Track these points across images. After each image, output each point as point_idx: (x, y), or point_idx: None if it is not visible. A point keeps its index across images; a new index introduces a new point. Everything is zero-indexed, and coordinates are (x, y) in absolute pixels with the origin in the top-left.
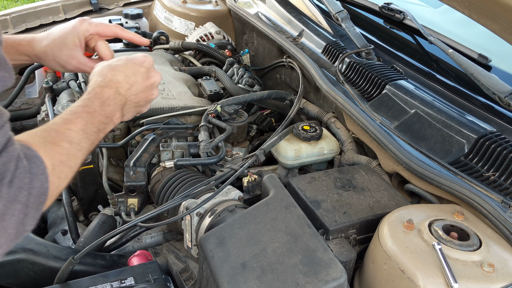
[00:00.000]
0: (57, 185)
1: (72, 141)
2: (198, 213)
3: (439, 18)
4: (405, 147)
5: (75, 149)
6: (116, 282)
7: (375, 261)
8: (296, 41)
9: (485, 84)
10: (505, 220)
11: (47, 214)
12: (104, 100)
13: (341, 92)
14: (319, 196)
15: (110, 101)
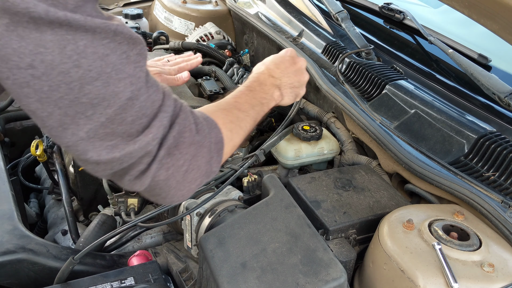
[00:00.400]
0: (230, 138)
1: (240, 109)
2: (198, 213)
3: (439, 18)
4: (405, 147)
5: (243, 115)
6: (116, 282)
7: (375, 261)
8: (296, 41)
9: (485, 84)
10: (505, 220)
11: (47, 214)
12: (261, 81)
13: (341, 92)
14: (319, 196)
15: (266, 82)
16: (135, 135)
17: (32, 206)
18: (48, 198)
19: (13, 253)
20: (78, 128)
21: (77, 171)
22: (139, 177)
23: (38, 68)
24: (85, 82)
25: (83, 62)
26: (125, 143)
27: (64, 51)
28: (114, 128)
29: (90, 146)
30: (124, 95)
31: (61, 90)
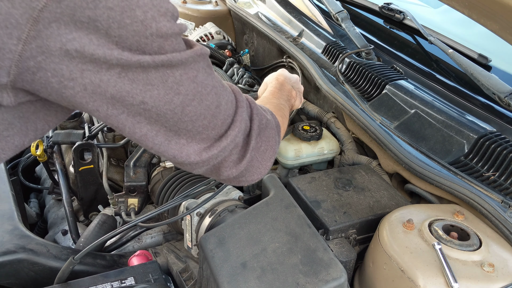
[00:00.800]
0: (282, 122)
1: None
2: (198, 213)
3: (439, 18)
4: (405, 147)
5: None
6: (116, 282)
7: (375, 261)
8: (296, 41)
9: (485, 84)
10: (505, 220)
11: (47, 214)
12: (281, 83)
13: (341, 92)
14: (319, 196)
15: (285, 84)
16: (225, 133)
17: (32, 206)
18: (48, 198)
19: (13, 253)
20: (179, 138)
21: (77, 171)
22: (235, 167)
23: (148, 102)
24: (185, 104)
25: (181, 89)
26: (218, 141)
27: (166, 84)
28: (207, 133)
29: (191, 150)
30: (213, 105)
31: (167, 115)
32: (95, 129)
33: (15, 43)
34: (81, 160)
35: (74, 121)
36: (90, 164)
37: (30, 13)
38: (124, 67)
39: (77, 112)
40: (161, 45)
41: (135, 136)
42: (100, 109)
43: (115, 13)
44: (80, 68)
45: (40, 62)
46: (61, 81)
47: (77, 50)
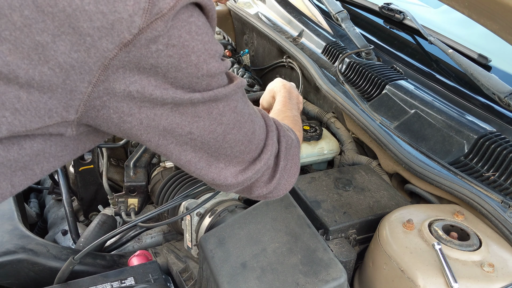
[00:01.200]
0: (300, 136)
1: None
2: (198, 213)
3: (439, 18)
4: (405, 147)
5: (297, 117)
6: (116, 282)
7: (375, 261)
8: (296, 41)
9: (485, 84)
10: (505, 220)
11: (47, 214)
12: (289, 91)
13: (341, 92)
14: (319, 196)
15: (292, 94)
16: (258, 156)
17: (32, 206)
18: (48, 198)
19: (13, 253)
20: (218, 162)
21: (77, 171)
22: (265, 186)
23: (195, 132)
24: (226, 133)
25: (224, 119)
26: (253, 164)
27: (211, 116)
28: (243, 157)
29: (228, 173)
30: (249, 131)
31: (210, 143)
32: None
33: (85, 86)
34: (81, 160)
35: None
36: (90, 164)
37: (102, 61)
38: (177, 104)
39: None
40: (209, 83)
41: (180, 162)
42: (152, 139)
43: (174, 60)
44: (138, 105)
45: (105, 101)
46: (121, 117)
47: (138, 91)
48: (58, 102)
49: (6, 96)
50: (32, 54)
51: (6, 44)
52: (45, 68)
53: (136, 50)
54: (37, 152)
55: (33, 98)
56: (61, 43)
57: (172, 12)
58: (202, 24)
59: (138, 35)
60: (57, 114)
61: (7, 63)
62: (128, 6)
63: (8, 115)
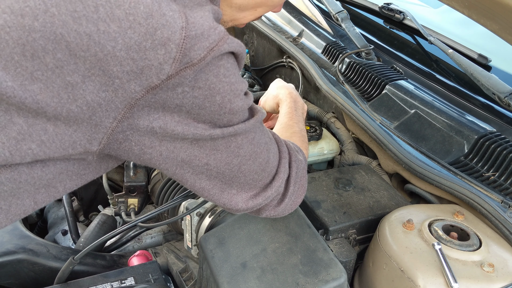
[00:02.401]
0: (306, 154)
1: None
2: (198, 213)
3: (439, 18)
4: (405, 147)
5: (303, 130)
6: (116, 282)
7: (375, 261)
8: (296, 41)
9: (485, 84)
10: (505, 220)
11: (47, 214)
12: (294, 98)
13: (341, 92)
14: (319, 196)
15: (298, 103)
16: (270, 183)
17: None
18: None
19: (13, 253)
20: (231, 189)
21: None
22: (273, 209)
23: (211, 164)
24: (242, 164)
25: (241, 152)
26: (264, 191)
27: (229, 149)
28: (255, 184)
29: (239, 199)
30: (264, 161)
31: (225, 173)
32: None
33: (110, 121)
34: None
35: None
36: None
37: (129, 101)
38: (196, 138)
39: None
40: (230, 119)
41: (194, 188)
42: (169, 169)
43: (199, 100)
44: (159, 139)
45: (128, 135)
46: (142, 149)
47: (160, 127)
48: (82, 135)
49: (34, 128)
50: (62, 93)
51: (38, 83)
52: (73, 106)
53: (163, 92)
54: (61, 171)
55: (59, 131)
56: (90, 84)
57: (202, 62)
58: (231, 66)
59: (166, 80)
60: (81, 146)
61: (37, 101)
62: (159, 55)
63: (34, 147)
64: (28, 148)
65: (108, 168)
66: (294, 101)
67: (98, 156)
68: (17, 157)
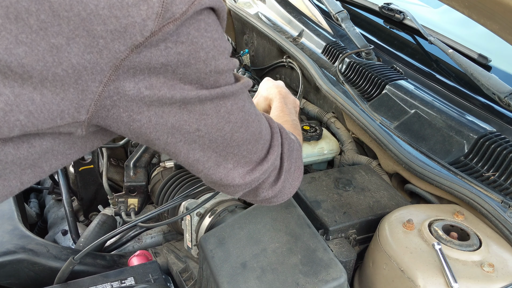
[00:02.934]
0: (300, 140)
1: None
2: (198, 213)
3: (439, 18)
4: (405, 147)
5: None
6: (116, 282)
7: (375, 261)
8: (296, 41)
9: (485, 84)
10: (505, 220)
11: (47, 214)
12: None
13: (341, 92)
14: (319, 196)
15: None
16: (265, 157)
17: (32, 206)
18: (48, 198)
19: (13, 253)
20: (227, 162)
21: (77, 171)
22: (270, 188)
23: (202, 130)
24: (234, 131)
25: (232, 117)
26: (260, 165)
27: (219, 114)
28: (250, 157)
29: (236, 174)
30: (256, 131)
31: (218, 141)
32: None
33: (96, 86)
34: (81, 160)
35: None
36: (90, 164)
37: (114, 62)
38: (185, 101)
39: None
40: (216, 79)
41: (188, 160)
42: (161, 138)
43: (183, 57)
44: (147, 104)
45: (115, 101)
46: (130, 115)
47: (147, 88)
48: (70, 103)
49: (21, 99)
50: (47, 56)
51: (23, 46)
52: (59, 69)
53: (147, 50)
54: (46, 150)
55: (46, 100)
56: (75, 45)
57: (184, 16)
58: (212, 22)
59: (150, 37)
60: (69, 115)
61: (23, 65)
62: (141, 11)
63: (22, 119)
64: (16, 119)
65: (93, 146)
66: (284, 97)
67: (87, 128)
68: (5, 129)
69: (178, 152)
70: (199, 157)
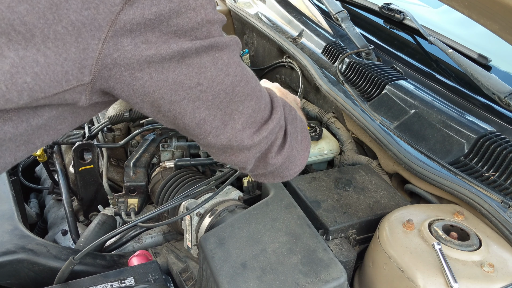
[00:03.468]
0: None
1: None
2: (198, 213)
3: (439, 18)
4: (405, 147)
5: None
6: (116, 282)
7: (375, 261)
8: (296, 41)
9: (485, 84)
10: (505, 220)
11: (47, 214)
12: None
13: (341, 92)
14: (319, 196)
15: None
16: (269, 116)
17: (32, 206)
18: (48, 198)
19: (13, 253)
20: (234, 122)
21: (77, 171)
22: (279, 153)
23: (203, 83)
24: (235, 85)
25: (230, 70)
26: (266, 125)
27: (217, 66)
28: (255, 116)
29: (244, 135)
30: (257, 88)
31: (220, 95)
32: (95, 129)
33: (96, 43)
34: (81, 160)
35: None
36: (90, 164)
37: (110, 16)
38: (182, 54)
39: None
40: (209, 30)
41: (195, 121)
42: (165, 96)
43: (174, 4)
44: (147, 61)
45: (115, 59)
46: (132, 74)
47: (143, 42)
48: (73, 63)
49: (26, 61)
50: (47, 13)
51: (24, 4)
52: (59, 27)
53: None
54: (40, 126)
55: (50, 61)
56: (73, 2)
57: None
58: None
59: None
60: (73, 76)
61: (25, 22)
62: None
63: (29, 81)
64: (23, 82)
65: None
66: (284, 95)
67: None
68: (15, 93)
69: (184, 113)
70: (205, 116)
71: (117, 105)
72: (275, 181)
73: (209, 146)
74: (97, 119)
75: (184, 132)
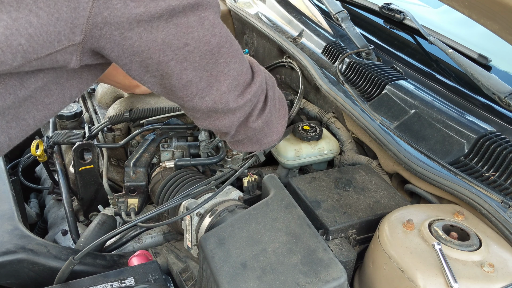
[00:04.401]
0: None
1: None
2: (198, 213)
3: (439, 18)
4: (405, 147)
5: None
6: (116, 282)
7: (375, 261)
8: (296, 41)
9: (485, 84)
10: (505, 220)
11: (47, 214)
12: None
13: (341, 92)
14: (319, 196)
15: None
16: (252, 79)
17: (32, 206)
18: (48, 198)
19: (13, 253)
20: (220, 84)
21: (77, 171)
22: (259, 115)
23: (191, 44)
24: (220, 46)
25: (216, 31)
26: (249, 88)
27: (203, 26)
28: (239, 78)
29: (229, 97)
30: (239, 51)
31: (207, 56)
32: (95, 129)
33: (86, 1)
34: (81, 160)
35: (74, 121)
36: (90, 164)
37: None
38: (170, 13)
39: (77, 112)
40: None
41: (182, 82)
42: (153, 56)
43: None
44: (136, 19)
45: (106, 17)
46: (122, 33)
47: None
48: (65, 23)
49: (19, 22)
50: None
51: None
52: None
53: None
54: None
55: (43, 22)
56: None
57: None
58: None
59: None
60: (65, 36)
61: None
62: None
63: (24, 42)
64: (18, 44)
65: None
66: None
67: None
68: (9, 55)
69: (171, 73)
70: (192, 78)
71: (117, 105)
72: (254, 149)
73: (194, 110)
74: (97, 119)
75: (170, 94)
